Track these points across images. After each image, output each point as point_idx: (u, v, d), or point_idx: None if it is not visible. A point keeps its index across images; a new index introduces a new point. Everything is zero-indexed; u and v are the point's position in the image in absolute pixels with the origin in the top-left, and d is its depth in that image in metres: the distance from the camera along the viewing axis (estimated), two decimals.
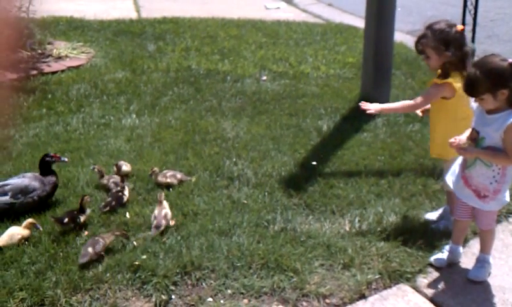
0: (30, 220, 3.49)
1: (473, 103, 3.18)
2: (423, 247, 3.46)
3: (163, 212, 3.59)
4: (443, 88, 3.46)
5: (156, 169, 4.12)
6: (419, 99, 3.57)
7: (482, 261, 3.30)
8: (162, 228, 3.51)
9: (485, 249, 3.31)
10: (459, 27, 3.48)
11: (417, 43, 3.53)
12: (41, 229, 3.50)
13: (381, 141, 5.04)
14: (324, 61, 7.64)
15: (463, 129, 3.19)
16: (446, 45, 3.38)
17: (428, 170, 4.40)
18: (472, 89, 3.04)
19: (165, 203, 3.66)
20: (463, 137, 3.13)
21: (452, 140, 3.11)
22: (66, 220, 3.48)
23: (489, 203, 3.13)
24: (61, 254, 3.27)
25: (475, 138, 3.10)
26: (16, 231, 3.41)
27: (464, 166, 3.20)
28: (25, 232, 3.43)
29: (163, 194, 3.73)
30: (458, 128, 3.24)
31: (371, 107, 3.68)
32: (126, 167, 4.22)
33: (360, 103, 3.70)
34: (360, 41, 7.68)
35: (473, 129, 3.13)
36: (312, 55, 7.94)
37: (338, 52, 8.13)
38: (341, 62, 7.60)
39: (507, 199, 3.16)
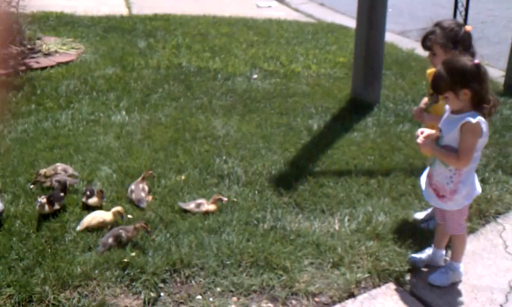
0: (118, 208, 3.52)
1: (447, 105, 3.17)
2: (412, 247, 3.47)
3: (140, 185, 3.86)
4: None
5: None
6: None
7: (446, 268, 3.29)
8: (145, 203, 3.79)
9: (453, 255, 3.29)
10: (468, 27, 3.47)
11: (425, 39, 3.47)
12: (125, 219, 3.56)
13: (371, 140, 5.05)
14: (315, 60, 7.64)
15: None
16: (454, 44, 3.36)
17: (418, 170, 4.40)
18: (436, 86, 3.05)
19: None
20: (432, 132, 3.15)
21: (419, 131, 3.13)
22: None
23: (447, 203, 3.13)
24: (49, 250, 3.24)
25: (437, 136, 3.12)
26: (99, 215, 3.49)
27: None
28: (108, 217, 3.47)
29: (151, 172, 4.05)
30: None
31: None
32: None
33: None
34: (351, 41, 7.70)
35: (439, 127, 3.15)
36: (303, 54, 7.95)
37: (329, 52, 8.14)
38: (332, 61, 7.61)
39: (468, 201, 3.13)
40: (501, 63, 7.91)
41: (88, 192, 3.74)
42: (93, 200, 3.71)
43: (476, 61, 2.95)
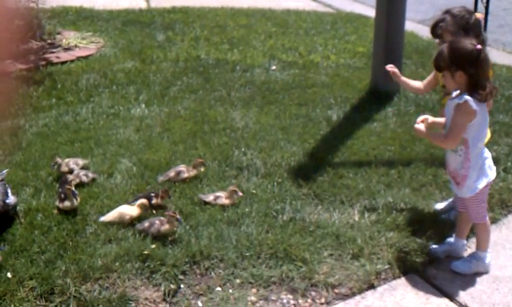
0: (143, 201, 3.52)
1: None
2: (433, 238, 3.44)
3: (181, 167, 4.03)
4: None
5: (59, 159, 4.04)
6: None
7: (470, 256, 3.27)
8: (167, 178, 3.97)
9: (478, 244, 3.27)
10: (478, 14, 3.43)
11: (435, 27, 3.44)
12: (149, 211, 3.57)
13: (391, 130, 5.00)
14: (334, 51, 7.59)
15: None
16: (465, 31, 3.32)
17: (438, 160, 4.37)
18: (436, 63, 3.07)
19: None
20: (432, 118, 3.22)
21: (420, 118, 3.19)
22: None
23: (462, 189, 3.13)
24: (70, 243, 3.28)
25: (433, 122, 3.18)
26: (127, 211, 3.48)
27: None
28: (136, 212, 3.48)
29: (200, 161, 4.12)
30: None
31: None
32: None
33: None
34: (370, 31, 7.63)
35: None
36: (322, 44, 7.90)
37: (348, 42, 8.08)
38: (351, 51, 7.56)
39: (478, 183, 3.08)
40: None
41: (154, 194, 3.68)
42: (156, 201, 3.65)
43: (478, 46, 2.92)
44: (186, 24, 8.88)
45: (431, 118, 3.19)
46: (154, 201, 3.65)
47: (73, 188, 3.57)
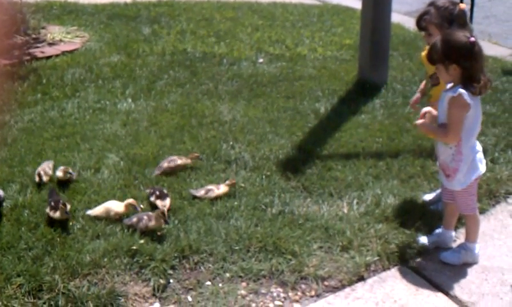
0: (130, 201, 3.47)
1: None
2: (421, 229, 3.46)
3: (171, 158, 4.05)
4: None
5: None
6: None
7: (459, 247, 3.28)
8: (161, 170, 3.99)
9: (467, 235, 3.27)
10: (462, 5, 3.44)
11: (420, 19, 3.46)
12: (139, 209, 3.49)
13: (379, 122, 5.01)
14: (321, 43, 7.59)
15: None
16: (449, 23, 3.33)
17: (426, 151, 4.39)
18: (430, 55, 3.06)
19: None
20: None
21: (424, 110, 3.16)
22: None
23: (451, 182, 3.14)
24: (58, 239, 3.24)
25: (435, 116, 3.15)
26: (113, 207, 3.45)
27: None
28: (122, 209, 3.44)
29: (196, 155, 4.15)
30: None
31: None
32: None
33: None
34: (357, 23, 7.63)
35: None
36: (309, 37, 7.89)
37: (335, 34, 8.08)
38: (338, 44, 7.56)
39: (469, 179, 3.09)
40: (509, 41, 7.86)
41: (158, 193, 3.60)
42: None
43: (472, 38, 2.92)
44: (172, 17, 8.83)
45: (433, 111, 3.16)
46: (152, 198, 3.60)
47: (67, 209, 3.40)
